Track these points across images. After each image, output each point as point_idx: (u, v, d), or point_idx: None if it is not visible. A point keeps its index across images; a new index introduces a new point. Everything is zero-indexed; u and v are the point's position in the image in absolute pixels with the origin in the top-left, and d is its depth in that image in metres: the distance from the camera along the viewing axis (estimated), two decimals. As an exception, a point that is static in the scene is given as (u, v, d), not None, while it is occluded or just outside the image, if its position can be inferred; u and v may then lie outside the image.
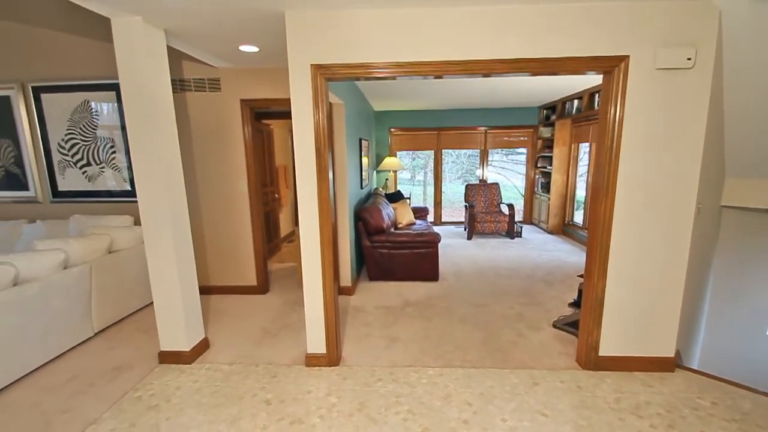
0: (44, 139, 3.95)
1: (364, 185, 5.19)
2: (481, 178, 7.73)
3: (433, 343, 2.96)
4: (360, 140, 4.90)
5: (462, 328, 3.19)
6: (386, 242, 4.24)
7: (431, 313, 3.51)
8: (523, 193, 7.82)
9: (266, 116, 5.28)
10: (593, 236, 2.47)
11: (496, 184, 7.10)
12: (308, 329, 2.63)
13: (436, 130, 7.47)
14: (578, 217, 6.44)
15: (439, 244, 5.86)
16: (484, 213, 6.67)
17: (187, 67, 3.64)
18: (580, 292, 3.30)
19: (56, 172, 4.02)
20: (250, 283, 4.04)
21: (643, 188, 2.36)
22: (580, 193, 6.40)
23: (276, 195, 5.79)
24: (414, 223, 5.45)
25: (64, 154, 3.97)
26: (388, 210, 4.89)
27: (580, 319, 2.64)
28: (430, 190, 8.30)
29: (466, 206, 6.81)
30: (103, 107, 3.84)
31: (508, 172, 9.83)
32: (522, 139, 7.47)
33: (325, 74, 2.34)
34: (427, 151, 7.81)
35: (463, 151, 9.31)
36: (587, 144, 5.98)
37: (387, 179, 7.41)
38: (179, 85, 3.68)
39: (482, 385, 2.42)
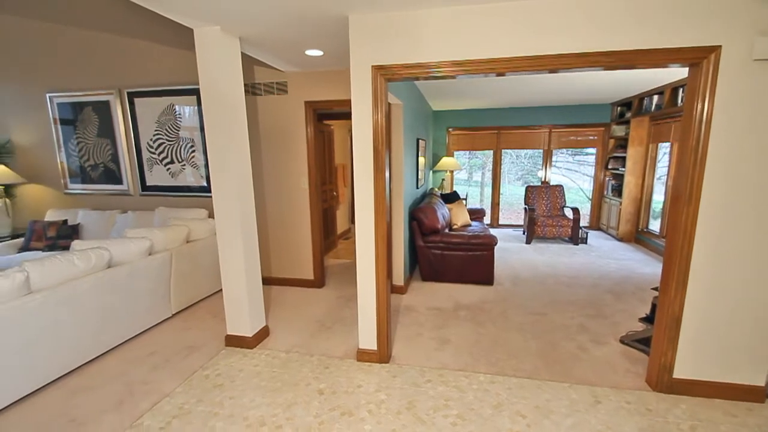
0: (136, 138, 4.45)
1: (419, 185, 5.19)
2: (543, 179, 7.36)
3: (486, 348, 2.89)
4: (417, 140, 4.89)
5: (517, 336, 3.07)
6: (440, 243, 4.21)
7: (484, 317, 3.42)
8: (590, 197, 7.30)
9: (328, 117, 5.48)
10: (672, 245, 2.25)
11: (560, 186, 6.71)
12: (360, 325, 2.70)
13: (495, 129, 7.24)
14: (654, 224, 5.88)
15: (496, 248, 5.68)
16: (545, 216, 6.34)
17: (258, 72, 3.89)
18: (653, 306, 3.02)
19: (145, 168, 4.51)
20: (308, 277, 4.23)
21: (732, 194, 2.10)
22: (658, 197, 5.84)
23: (334, 193, 5.98)
24: (469, 225, 5.34)
25: (152, 152, 4.44)
26: (443, 210, 4.84)
27: (653, 336, 2.42)
28: (488, 191, 8.06)
29: (525, 209, 6.53)
30: (185, 110, 4.23)
31: (574, 174, 9.24)
32: (591, 138, 6.98)
33: (385, 75, 2.38)
34: (485, 150, 7.60)
35: (524, 151, 8.92)
36: (667, 144, 5.44)
37: (443, 179, 7.33)
38: (251, 89, 3.95)
39: (538, 397, 2.31)
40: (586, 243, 6.07)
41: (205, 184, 4.35)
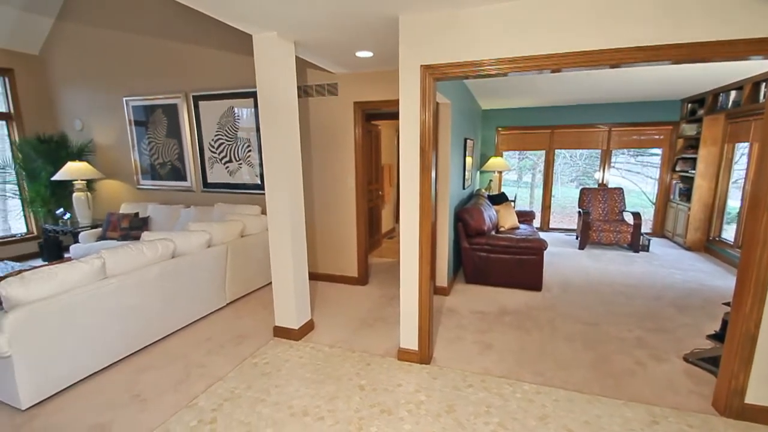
0: (199, 139, 4.79)
1: (466, 186, 5.10)
2: (600, 181, 6.93)
3: (532, 357, 2.78)
4: (465, 140, 4.81)
5: (567, 346, 2.93)
6: (486, 245, 4.11)
7: (531, 324, 3.30)
8: (654, 201, 6.76)
9: (375, 117, 5.55)
10: (748, 256, 2.03)
11: (619, 189, 6.28)
12: (402, 324, 2.71)
13: (548, 128, 6.92)
14: (728, 233, 5.33)
15: (545, 252, 5.45)
16: (601, 221, 5.97)
17: (311, 74, 4.03)
18: (724, 323, 2.75)
19: (207, 166, 4.84)
20: (352, 274, 4.31)
21: (828, 203, 1.85)
22: (733, 203, 5.28)
23: (380, 192, 6.05)
24: (517, 228, 5.16)
25: (213, 152, 4.76)
26: (489, 212, 4.72)
27: (723, 355, 2.20)
28: (538, 192, 7.74)
29: (579, 212, 6.19)
30: (243, 112, 4.49)
31: (636, 176, 8.61)
32: (656, 137, 6.46)
33: (433, 74, 2.37)
34: (537, 151, 7.30)
35: (580, 151, 8.46)
36: (746, 144, 4.91)
37: (491, 180, 7.14)
38: (303, 91, 4.10)
39: (587, 412, 2.19)
40: (647, 251, 5.63)
41: (259, 182, 4.59)
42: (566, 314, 3.50)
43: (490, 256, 4.12)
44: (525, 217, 5.89)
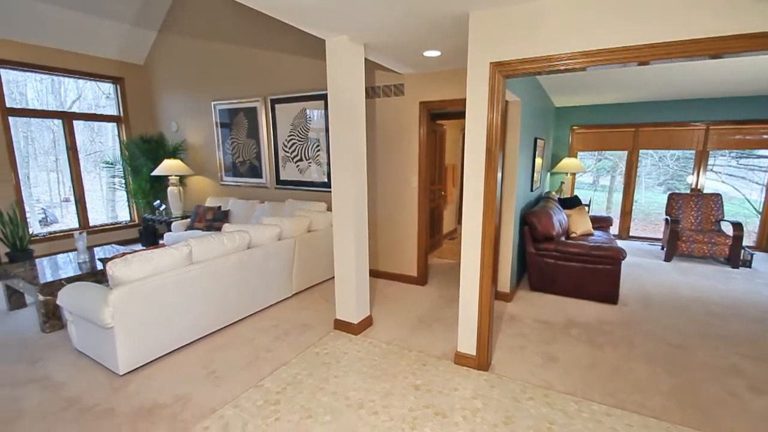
0: (275, 139, 5.14)
1: (534, 188, 4.85)
2: (693, 186, 6.17)
3: (602, 375, 2.58)
4: (535, 139, 4.58)
5: (645, 368, 2.67)
6: (554, 251, 3.88)
7: (603, 340, 3.05)
8: (761, 210, 5.86)
9: (441, 117, 5.50)
10: None
11: (717, 195, 5.54)
12: (460, 328, 2.67)
13: (632, 126, 6.31)
14: None
15: (623, 262, 4.99)
16: (693, 231, 5.31)
17: (378, 76, 4.12)
18: None
19: (280, 165, 5.18)
20: (411, 274, 4.33)
21: None
22: None
23: (442, 192, 5.98)
24: (591, 234, 4.79)
25: (286, 151, 5.07)
26: (559, 216, 4.44)
27: None
28: (618, 197, 7.09)
29: (667, 220, 5.57)
30: (314, 113, 4.72)
31: (738, 181, 7.51)
32: (766, 137, 5.58)
33: (503, 71, 2.29)
34: (617, 151, 6.69)
35: (670, 152, 7.59)
36: None
37: (562, 182, 6.70)
38: (371, 92, 4.20)
39: (665, 441, 1.98)
40: (749, 267, 4.91)
41: (326, 180, 4.79)
42: (646, 332, 3.18)
43: (559, 263, 3.88)
44: (601, 223, 5.45)
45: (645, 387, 2.44)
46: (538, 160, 4.93)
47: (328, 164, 4.72)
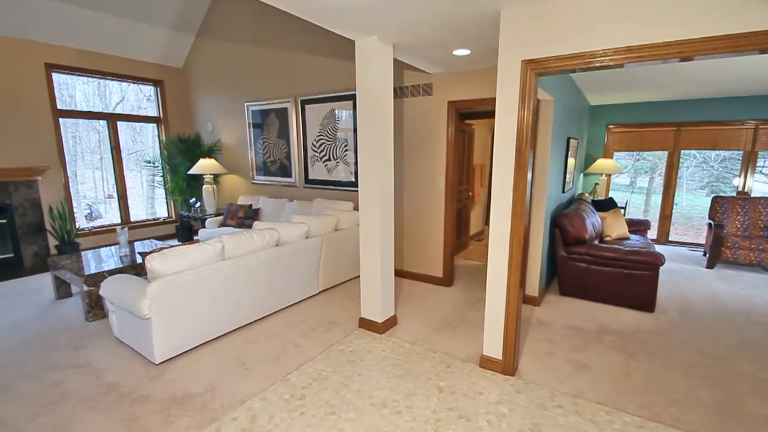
0: (304, 139, 5.23)
1: (566, 189, 4.70)
2: (740, 188, 5.79)
3: (637, 386, 2.47)
4: (568, 139, 4.44)
5: (683, 380, 2.53)
6: (586, 255, 3.74)
7: (638, 349, 2.92)
8: (821, 216, 5.41)
9: (470, 116, 5.42)
10: None
11: (766, 198, 5.17)
12: (486, 331, 2.63)
13: (673, 125, 5.99)
14: None
15: (661, 268, 4.76)
16: (739, 236, 4.98)
17: (407, 76, 4.11)
18: None
19: (309, 165, 5.27)
20: (437, 274, 4.30)
21: None
22: None
23: (470, 193, 5.90)
24: (627, 238, 4.59)
25: (314, 151, 5.16)
26: (593, 219, 4.29)
27: None
28: (656, 199, 6.76)
29: (710, 224, 5.25)
30: (343, 114, 4.78)
31: (794, 184, 6.98)
32: (828, 137, 5.16)
33: (535, 69, 2.24)
34: (657, 151, 6.37)
35: (715, 152, 7.16)
36: None
37: (597, 183, 6.46)
38: (399, 92, 4.21)
39: (704, 458, 1.87)
40: (806, 277, 4.55)
41: (353, 179, 4.84)
42: (684, 342, 3.02)
43: (591, 268, 3.74)
44: (637, 226, 5.21)
45: (683, 400, 2.32)
46: (571, 161, 4.77)
47: (356, 164, 4.76)
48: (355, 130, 4.69)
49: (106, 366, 2.68)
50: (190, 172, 5.99)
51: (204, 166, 5.89)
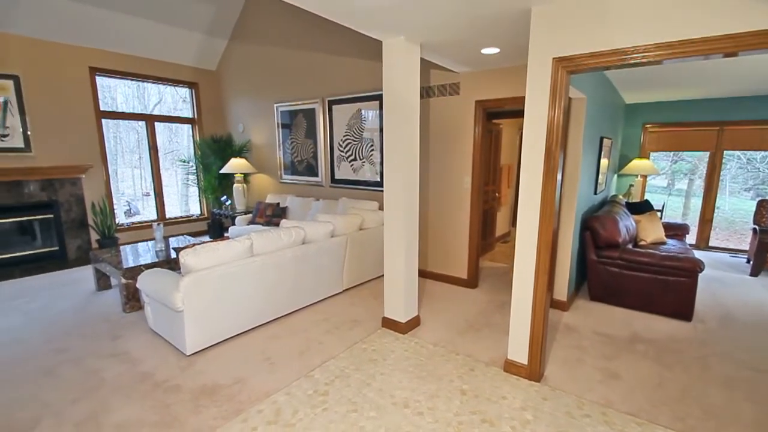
0: (331, 139, 5.30)
1: (598, 190, 4.54)
2: (793, 193, 5.40)
3: (671, 397, 2.36)
4: (601, 139, 4.28)
5: (722, 393, 2.40)
6: (619, 259, 3.60)
7: (674, 359, 2.78)
8: None
9: (497, 116, 5.33)
10: None
11: (824, 204, 4.81)
12: (511, 334, 2.58)
13: (716, 124, 5.66)
14: None
15: (700, 275, 4.53)
16: (790, 244, 4.65)
17: (434, 75, 4.09)
18: None
19: (335, 164, 5.33)
20: (461, 276, 4.26)
21: None
22: None
23: (496, 194, 5.80)
24: (664, 243, 4.39)
25: (341, 151, 5.22)
26: (626, 222, 4.12)
27: None
28: (696, 202, 6.41)
29: (755, 229, 4.94)
30: (369, 114, 4.80)
31: None
32: None
33: (567, 67, 2.18)
34: (697, 152, 6.05)
35: (761, 153, 6.72)
36: None
37: (631, 185, 6.20)
38: (425, 92, 4.19)
39: (745, 477, 1.77)
40: None
41: (378, 179, 4.86)
42: (724, 354, 2.85)
43: (624, 273, 3.60)
44: (675, 230, 4.97)
45: (721, 414, 2.20)
46: (604, 161, 4.60)
47: (381, 164, 4.78)
48: (381, 130, 4.71)
49: (142, 355, 2.81)
50: (222, 171, 6.19)
51: (235, 165, 6.08)
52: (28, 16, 4.58)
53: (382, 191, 4.84)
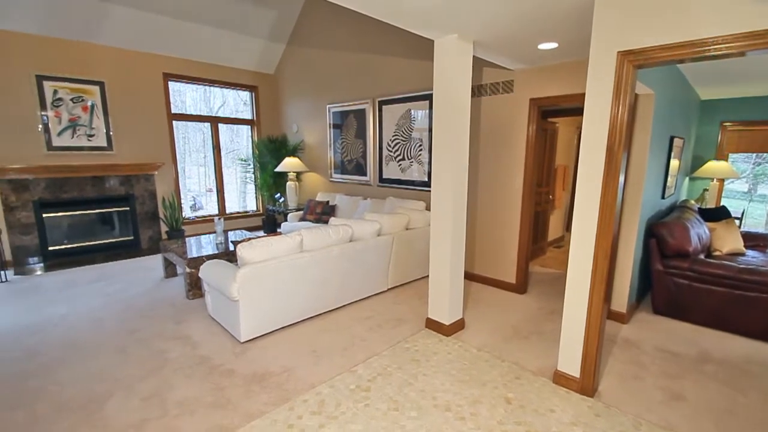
0: (380, 139, 5.37)
1: (667, 194, 4.17)
2: None
3: (743, 425, 2.12)
4: (671, 138, 3.93)
5: (811, 427, 2.11)
6: (689, 270, 3.30)
7: (749, 383, 2.50)
8: None
9: (553, 114, 5.09)
10: None
11: None
12: (562, 345, 2.45)
13: (816, 123, 4.97)
14: None
15: (790, 293, 4.01)
16: None
17: (486, 73, 4.00)
18: None
19: (383, 164, 5.39)
20: (509, 280, 4.12)
21: None
22: None
23: (550, 196, 5.54)
24: (742, 254, 3.95)
25: (389, 150, 5.26)
26: (699, 230, 3.75)
27: None
28: (788, 211, 5.67)
29: None
30: (418, 114, 4.80)
31: None
32: None
33: (634, 61, 2.03)
34: (790, 154, 5.35)
35: None
36: None
37: (705, 189, 5.63)
38: (476, 91, 4.11)
39: None
40: None
41: (426, 179, 4.84)
42: (817, 384, 2.51)
43: (694, 286, 3.29)
44: (756, 241, 4.45)
45: (811, 452, 1.94)
46: (674, 163, 4.22)
47: (429, 164, 4.75)
48: (430, 129, 4.68)
49: (201, 340, 3.04)
50: (277, 169, 6.49)
51: (289, 164, 6.35)
52: (114, 28, 5.10)
53: (429, 191, 4.81)
